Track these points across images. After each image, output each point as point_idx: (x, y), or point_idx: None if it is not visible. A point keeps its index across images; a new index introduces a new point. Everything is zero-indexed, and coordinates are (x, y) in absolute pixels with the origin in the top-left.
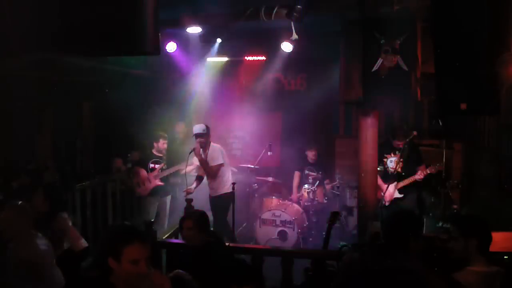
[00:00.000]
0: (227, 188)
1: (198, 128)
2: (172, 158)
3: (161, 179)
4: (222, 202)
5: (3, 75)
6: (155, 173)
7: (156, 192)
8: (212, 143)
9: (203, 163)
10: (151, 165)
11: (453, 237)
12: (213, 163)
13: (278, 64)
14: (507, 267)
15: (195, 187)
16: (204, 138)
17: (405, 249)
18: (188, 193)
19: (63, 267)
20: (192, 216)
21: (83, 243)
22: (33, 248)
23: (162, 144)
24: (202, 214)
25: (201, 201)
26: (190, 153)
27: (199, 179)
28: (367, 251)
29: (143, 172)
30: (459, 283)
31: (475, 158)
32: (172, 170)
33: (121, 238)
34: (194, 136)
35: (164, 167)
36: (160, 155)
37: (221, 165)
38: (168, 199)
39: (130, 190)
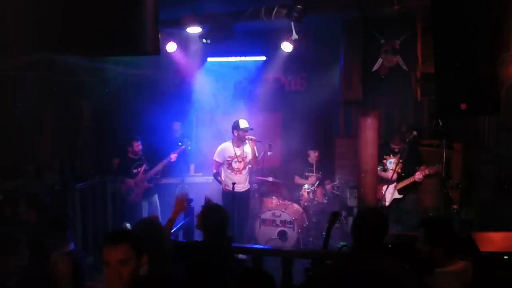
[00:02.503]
0: (248, 184)
1: (246, 122)
2: (150, 157)
3: (149, 181)
4: (247, 197)
5: (3, 75)
6: (140, 176)
7: (146, 194)
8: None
9: (254, 155)
10: (134, 171)
11: (421, 240)
12: (257, 155)
13: (278, 64)
14: (488, 263)
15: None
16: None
17: (378, 249)
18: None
19: None
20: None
21: None
22: None
23: (136, 146)
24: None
25: (200, 200)
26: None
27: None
28: (341, 257)
29: (129, 181)
30: (429, 286)
31: (475, 158)
32: (156, 169)
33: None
34: (242, 130)
35: (146, 168)
36: (137, 157)
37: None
38: (156, 197)
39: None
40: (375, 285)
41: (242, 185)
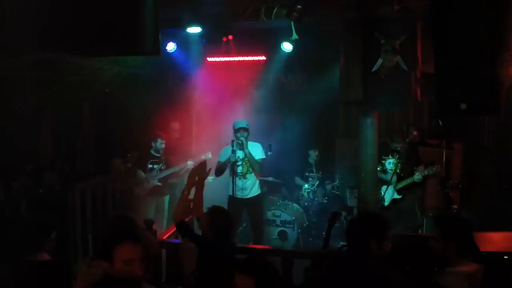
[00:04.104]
0: (258, 188)
1: (241, 122)
2: (168, 157)
3: (159, 180)
4: (258, 203)
5: (3, 75)
6: (153, 173)
7: (154, 192)
8: (249, 141)
9: (250, 158)
10: (150, 166)
11: (433, 237)
12: (256, 157)
13: (278, 64)
14: (490, 264)
15: None
16: (246, 133)
17: (366, 254)
18: None
19: None
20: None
21: None
22: None
23: (160, 144)
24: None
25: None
26: (233, 143)
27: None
28: (329, 264)
29: (141, 173)
30: (438, 285)
31: (475, 158)
32: (171, 171)
33: (113, 238)
34: (236, 130)
35: (162, 168)
36: (158, 155)
37: (263, 159)
38: (166, 199)
39: (129, 190)
40: None
41: (248, 191)
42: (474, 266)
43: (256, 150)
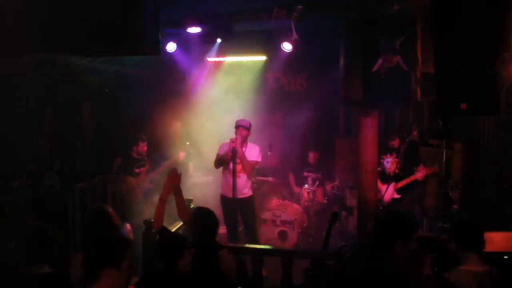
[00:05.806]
0: (250, 190)
1: (242, 120)
2: (167, 157)
3: (150, 181)
4: (250, 205)
5: (3, 75)
6: (142, 177)
7: (147, 195)
8: (249, 142)
9: (242, 156)
10: (136, 170)
11: (434, 237)
12: (250, 158)
13: (278, 64)
14: (504, 267)
15: None
16: (245, 132)
17: (390, 251)
18: None
19: None
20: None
21: None
22: None
23: (141, 147)
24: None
25: (199, 201)
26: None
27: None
28: (353, 254)
29: (131, 180)
30: (450, 282)
31: (475, 158)
32: (159, 170)
33: (123, 244)
34: (236, 127)
35: (149, 169)
36: (140, 157)
37: (257, 162)
38: (157, 198)
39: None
40: (377, 283)
41: (239, 191)
42: (484, 267)
43: (253, 152)
